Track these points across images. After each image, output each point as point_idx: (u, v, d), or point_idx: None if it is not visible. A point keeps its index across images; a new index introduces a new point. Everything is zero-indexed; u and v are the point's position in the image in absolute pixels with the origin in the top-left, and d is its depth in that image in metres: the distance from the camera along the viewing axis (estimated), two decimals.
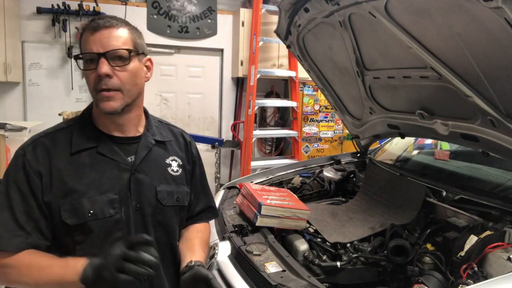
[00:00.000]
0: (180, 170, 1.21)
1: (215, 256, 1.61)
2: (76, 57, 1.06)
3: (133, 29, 1.11)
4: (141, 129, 1.17)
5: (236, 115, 5.19)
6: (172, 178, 1.18)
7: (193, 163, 1.29)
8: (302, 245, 1.68)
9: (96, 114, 1.12)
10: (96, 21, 1.04)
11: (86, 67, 1.04)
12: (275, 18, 3.58)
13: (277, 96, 5.23)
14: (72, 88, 4.40)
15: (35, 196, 1.02)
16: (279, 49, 4.72)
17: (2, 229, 0.99)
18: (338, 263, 1.61)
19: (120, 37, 1.05)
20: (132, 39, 1.08)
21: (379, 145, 2.97)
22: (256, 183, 2.30)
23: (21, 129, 3.33)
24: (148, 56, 1.15)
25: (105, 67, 1.02)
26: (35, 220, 1.01)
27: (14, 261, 0.98)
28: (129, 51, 1.06)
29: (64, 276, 0.96)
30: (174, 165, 1.20)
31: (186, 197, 1.22)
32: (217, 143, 4.37)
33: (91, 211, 1.03)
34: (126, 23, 1.09)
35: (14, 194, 1.01)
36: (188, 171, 1.25)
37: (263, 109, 5.20)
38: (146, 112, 1.21)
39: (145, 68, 1.14)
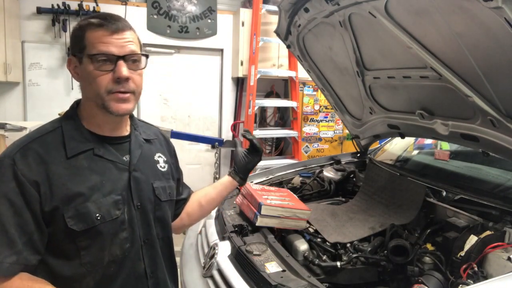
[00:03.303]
0: (166, 166, 1.25)
1: (215, 256, 1.61)
2: (91, 56, 1.00)
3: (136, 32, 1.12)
4: (128, 128, 1.18)
5: (236, 115, 5.19)
6: (161, 173, 1.22)
7: (174, 156, 1.34)
8: (302, 245, 1.68)
9: (89, 115, 1.09)
10: (114, 22, 1.02)
11: (98, 68, 1.00)
12: (275, 18, 3.57)
13: (277, 96, 5.23)
14: (72, 88, 4.40)
15: (31, 207, 0.95)
16: (279, 49, 4.72)
17: None
18: (338, 263, 1.61)
19: (134, 40, 1.06)
20: (140, 43, 1.10)
21: (379, 145, 2.97)
22: (256, 183, 2.29)
23: (21, 129, 3.33)
24: None
25: (126, 70, 1.01)
26: (28, 234, 0.95)
27: None
28: (146, 55, 1.08)
29: None
30: (161, 161, 1.24)
31: (174, 191, 1.27)
32: (217, 143, 4.36)
33: (99, 215, 1.01)
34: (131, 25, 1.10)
35: (4, 208, 0.94)
36: (172, 165, 1.30)
37: (263, 109, 5.20)
38: None
39: None
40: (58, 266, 1.01)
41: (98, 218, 1.01)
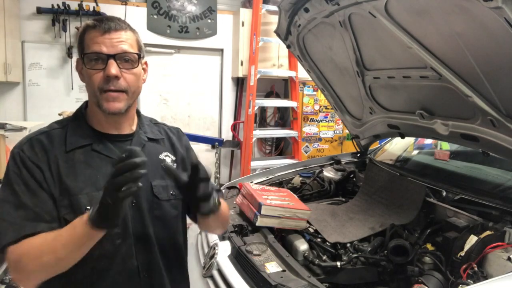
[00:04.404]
0: (174, 165, 1.23)
1: (215, 256, 1.61)
2: (83, 55, 1.06)
3: (137, 33, 1.14)
4: (134, 127, 1.19)
5: (236, 115, 5.19)
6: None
7: (186, 149, 1.31)
8: (302, 245, 1.68)
9: (91, 113, 1.13)
10: (107, 23, 1.05)
11: (92, 67, 1.05)
12: (275, 18, 3.58)
13: (277, 96, 5.23)
14: (72, 88, 4.40)
15: (43, 187, 1.02)
16: (279, 49, 4.72)
17: (8, 225, 0.97)
18: (338, 263, 1.61)
19: (128, 40, 1.08)
20: (138, 43, 1.11)
21: (379, 145, 2.97)
22: (256, 183, 2.30)
23: (21, 129, 3.34)
24: (145, 59, 1.17)
25: (115, 68, 1.04)
26: (48, 212, 1.01)
27: (24, 248, 0.96)
28: (138, 55, 1.09)
29: (74, 231, 0.94)
30: (168, 160, 1.22)
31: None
32: (217, 143, 4.37)
33: (88, 207, 1.02)
34: (130, 26, 1.12)
35: (22, 190, 1.00)
36: (185, 160, 1.27)
37: (263, 109, 5.20)
38: (138, 111, 1.24)
39: (142, 71, 1.16)
40: None
41: (87, 211, 1.02)
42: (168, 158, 1.22)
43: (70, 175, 1.05)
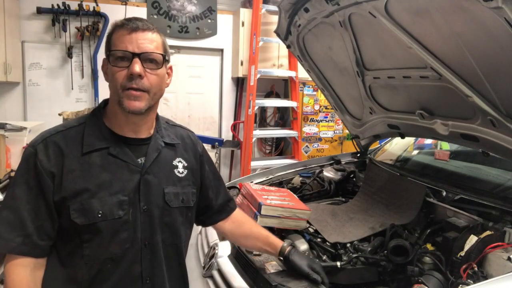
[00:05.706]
0: (185, 172, 1.22)
1: (215, 256, 1.61)
2: (109, 52, 1.06)
3: (163, 36, 1.14)
4: (152, 131, 1.19)
5: (236, 115, 5.19)
6: (178, 179, 1.20)
7: (200, 161, 1.30)
8: (302, 245, 1.68)
9: (111, 114, 1.13)
10: (135, 22, 1.06)
11: (116, 64, 1.05)
12: (275, 18, 3.58)
13: (277, 96, 5.23)
14: (72, 88, 4.40)
15: (45, 196, 1.02)
16: (279, 49, 4.72)
17: (3, 229, 1.01)
18: (338, 263, 1.61)
19: (154, 42, 1.08)
20: (164, 45, 1.12)
21: (379, 145, 2.97)
22: (256, 183, 2.30)
23: (21, 129, 3.34)
24: (170, 64, 1.17)
25: (139, 67, 1.04)
26: (41, 220, 1.02)
27: (13, 274, 1.01)
28: (163, 56, 1.10)
29: None
30: (180, 166, 1.22)
31: (192, 197, 1.23)
32: (217, 143, 4.38)
33: (101, 212, 1.04)
34: (157, 29, 1.12)
35: (22, 193, 1.02)
36: (195, 170, 1.26)
37: (263, 109, 5.20)
38: (156, 114, 1.23)
39: (166, 75, 1.16)
40: (62, 251, 1.07)
41: (99, 215, 1.03)
42: (180, 164, 1.22)
43: (85, 178, 1.04)
